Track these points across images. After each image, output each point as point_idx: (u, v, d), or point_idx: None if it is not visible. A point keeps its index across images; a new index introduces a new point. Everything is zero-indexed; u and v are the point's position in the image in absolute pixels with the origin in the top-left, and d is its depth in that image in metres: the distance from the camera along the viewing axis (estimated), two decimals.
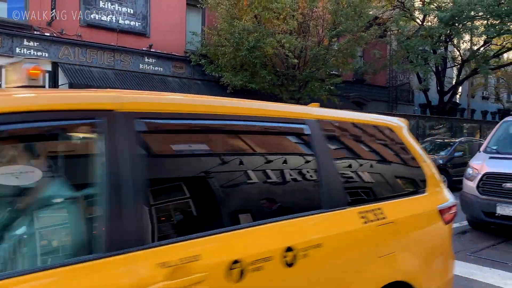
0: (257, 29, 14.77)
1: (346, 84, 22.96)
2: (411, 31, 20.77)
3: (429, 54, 19.32)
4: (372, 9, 17.87)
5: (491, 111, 35.91)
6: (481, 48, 22.48)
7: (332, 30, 16.00)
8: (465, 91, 29.94)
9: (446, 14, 17.63)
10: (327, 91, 17.68)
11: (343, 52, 16.92)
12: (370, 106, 24.47)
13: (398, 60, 20.90)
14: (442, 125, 18.41)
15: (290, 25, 14.88)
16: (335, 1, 15.70)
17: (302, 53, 16.48)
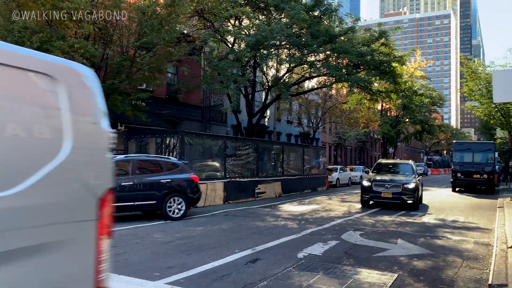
0: (44, 29, 12.58)
1: (158, 101, 21.96)
2: (222, 52, 21.02)
3: (238, 77, 19.74)
4: (182, 25, 17.32)
5: (294, 134, 39.43)
6: (285, 75, 24.21)
7: (137, 40, 14.79)
8: (273, 114, 32.08)
9: (252, 39, 18.25)
10: (132, 106, 16.30)
11: (150, 66, 15.82)
12: (183, 125, 23.93)
13: (208, 80, 20.85)
14: (249, 146, 18.82)
15: (85, 29, 13.10)
16: (140, 11, 14.53)
17: (102, 62, 14.81)
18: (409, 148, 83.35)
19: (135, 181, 11.16)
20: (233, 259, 6.94)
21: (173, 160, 12.64)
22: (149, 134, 16.08)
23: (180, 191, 11.81)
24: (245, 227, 10.53)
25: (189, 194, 12.06)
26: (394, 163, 18.31)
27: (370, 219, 12.39)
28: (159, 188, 11.44)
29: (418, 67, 47.35)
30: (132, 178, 11.14)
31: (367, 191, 15.03)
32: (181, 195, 11.83)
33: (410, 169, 16.38)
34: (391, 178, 15.23)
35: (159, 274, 5.91)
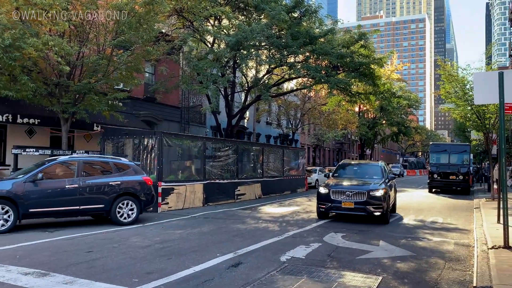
0: (16, 25, 12.09)
1: (136, 101, 21.55)
2: (201, 52, 20.76)
3: (217, 77, 19.50)
4: (160, 23, 16.98)
5: (273, 136, 39.41)
6: (265, 76, 24.10)
7: (114, 39, 14.41)
8: (252, 116, 31.94)
9: (232, 39, 18.05)
10: (109, 107, 15.89)
11: (127, 65, 15.44)
12: (161, 126, 23.55)
13: (187, 80, 20.55)
14: (228, 147, 18.59)
15: (60, 26, 12.66)
16: (117, 8, 14.15)
17: (78, 61, 14.37)
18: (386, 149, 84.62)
19: (81, 184, 10.35)
20: (214, 263, 6.75)
21: (123, 161, 11.87)
22: (126, 135, 15.66)
23: (131, 194, 11.07)
24: (226, 230, 10.33)
25: (142, 198, 11.27)
26: (360, 164, 15.11)
27: (351, 220, 12.35)
28: (107, 191, 10.70)
29: (394, 69, 48.01)
30: (77, 180, 10.35)
31: (324, 200, 11.88)
32: (133, 198, 11.08)
33: (379, 171, 13.26)
34: (354, 183, 12.24)
35: (138, 280, 5.67)
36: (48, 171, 10.21)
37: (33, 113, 15.75)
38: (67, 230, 9.94)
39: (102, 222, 11.18)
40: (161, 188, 14.07)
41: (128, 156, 16.03)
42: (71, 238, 8.90)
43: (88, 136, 19.32)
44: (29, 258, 6.95)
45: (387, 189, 11.95)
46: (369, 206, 11.36)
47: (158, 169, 14.28)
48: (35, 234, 9.31)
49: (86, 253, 7.42)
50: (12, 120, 15.09)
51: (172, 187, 14.65)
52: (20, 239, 8.71)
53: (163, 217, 12.65)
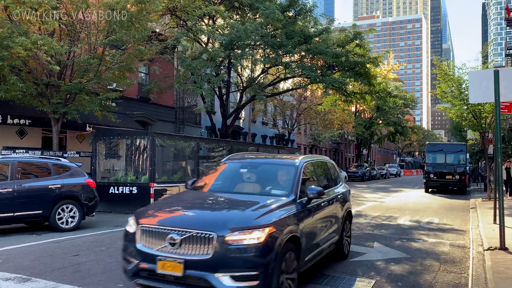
0: (4, 24, 11.88)
1: (130, 101, 21.35)
2: (195, 52, 20.58)
3: (212, 77, 19.32)
4: (153, 23, 16.80)
5: (269, 136, 39.24)
6: (260, 76, 23.93)
7: (105, 38, 14.20)
8: (248, 116, 31.78)
9: (226, 38, 17.89)
10: (101, 107, 15.68)
11: (119, 64, 15.24)
12: (156, 126, 23.34)
13: (181, 80, 20.36)
14: (223, 148, 18.41)
15: (49, 25, 12.45)
16: (108, 7, 13.95)
17: (69, 61, 14.15)
18: (383, 149, 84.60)
19: (15, 187, 9.36)
20: None
21: (63, 162, 10.88)
22: (119, 135, 15.45)
23: (73, 198, 10.25)
24: None
25: (84, 202, 10.43)
26: (257, 161, 6.96)
27: None
28: (46, 195, 9.79)
29: (391, 69, 47.93)
30: (11, 184, 9.34)
31: (127, 251, 5.02)
32: (75, 202, 10.26)
33: (288, 179, 5.83)
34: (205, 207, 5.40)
35: (122, 285, 5.48)
36: None
37: (24, 114, 15.52)
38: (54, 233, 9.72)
39: (38, 229, 10.24)
40: (153, 189, 13.86)
41: (121, 157, 15.87)
42: (58, 241, 8.69)
43: (81, 137, 19.09)
44: (12, 262, 6.75)
45: (287, 223, 4.90)
46: (220, 273, 4.33)
47: (150, 170, 14.07)
48: (22, 237, 9.09)
49: (72, 256, 7.22)
50: (2, 121, 14.87)
51: (165, 188, 14.44)
52: (5, 242, 8.49)
53: None
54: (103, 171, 15.50)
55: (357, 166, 43.74)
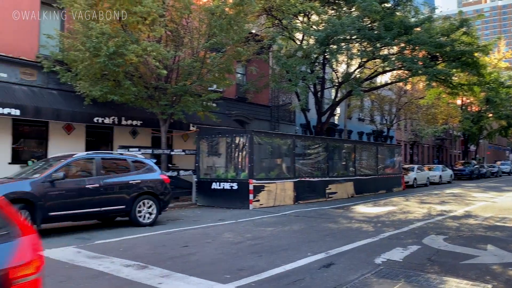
0: (119, 33, 13.06)
1: (228, 101, 22.17)
2: (290, 50, 20.72)
3: (306, 74, 19.30)
4: (250, 24, 17.24)
5: (366, 132, 38.05)
6: (356, 70, 23.35)
7: (207, 41, 14.92)
8: (343, 112, 31.16)
9: (322, 33, 17.73)
10: (203, 107, 16.51)
11: (219, 67, 15.91)
12: (252, 125, 23.95)
13: (276, 79, 20.64)
14: (318, 145, 18.31)
15: (157, 32, 13.42)
16: (209, 12, 14.64)
17: (174, 65, 15.12)
18: (493, 145, 77.22)
19: (101, 183, 9.62)
20: (305, 262, 6.61)
21: (140, 158, 11.21)
22: (219, 134, 16.20)
23: (151, 194, 10.49)
24: (317, 229, 10.13)
25: (160, 197, 10.67)
26: None
27: (453, 222, 11.41)
28: (128, 190, 10.05)
29: (502, 57, 43.60)
30: (97, 180, 9.58)
31: None
32: (152, 197, 10.51)
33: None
34: None
35: (229, 277, 5.74)
36: (66, 169, 9.32)
37: (136, 115, 16.89)
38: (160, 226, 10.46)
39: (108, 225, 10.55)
40: (252, 186, 14.27)
41: (221, 154, 16.60)
42: (169, 233, 9.36)
43: (185, 136, 20.29)
44: (131, 251, 7.42)
45: None
46: None
47: (249, 166, 14.51)
48: (122, 231, 9.93)
49: (182, 247, 7.73)
50: (118, 122, 16.35)
51: (263, 184, 14.79)
52: (123, 232, 9.36)
53: (255, 214, 12.81)
54: (206, 168, 16.32)
55: (464, 164, 40.60)
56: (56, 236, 8.86)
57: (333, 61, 20.65)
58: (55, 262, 6.52)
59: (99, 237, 8.80)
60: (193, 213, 13.33)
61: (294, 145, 16.78)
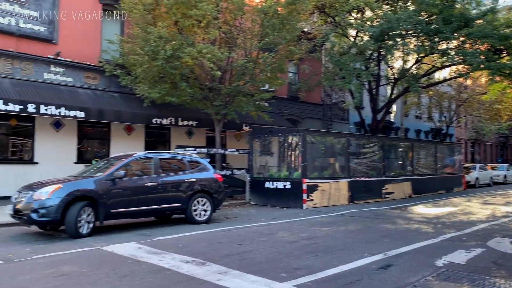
0: (175, 37, 13.47)
1: (280, 100, 22.22)
2: (344, 47, 20.40)
3: (361, 71, 18.92)
4: (302, 22, 17.16)
5: (424, 130, 36.68)
6: (413, 66, 22.57)
7: (259, 41, 15.03)
8: (399, 110, 30.23)
9: (377, 29, 17.30)
10: (256, 107, 16.66)
11: (272, 66, 15.98)
12: (304, 124, 23.83)
13: (329, 77, 20.38)
14: (374, 144, 17.88)
15: (211, 34, 13.71)
16: (262, 12, 14.75)
17: (228, 66, 15.37)
18: None
19: (159, 181, 9.97)
20: (362, 263, 6.50)
21: (195, 157, 11.46)
22: (272, 133, 16.27)
23: (205, 192, 10.76)
24: (374, 229, 9.92)
25: (214, 195, 10.93)
26: None
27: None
28: (184, 189, 10.36)
29: None
30: (155, 178, 9.95)
31: None
32: (207, 196, 10.78)
33: None
34: None
35: (286, 275, 5.77)
36: (126, 168, 9.70)
37: (191, 116, 17.35)
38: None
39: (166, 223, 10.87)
40: (306, 185, 14.21)
41: (273, 154, 16.66)
42: (224, 231, 9.54)
43: (238, 136, 20.58)
44: (189, 247, 7.65)
45: None
46: None
47: (302, 166, 14.46)
48: (180, 227, 10.21)
49: (238, 245, 7.86)
50: (175, 123, 16.88)
51: (316, 184, 14.68)
52: (181, 229, 9.66)
53: (308, 213, 12.76)
54: (259, 167, 16.46)
55: None
56: (118, 232, 9.31)
57: (389, 57, 20.10)
58: (119, 257, 6.87)
59: (158, 233, 9.15)
60: (247, 211, 13.49)
61: (348, 144, 16.53)
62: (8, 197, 9.54)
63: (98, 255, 7.11)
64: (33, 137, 14.62)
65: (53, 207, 8.35)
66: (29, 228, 9.39)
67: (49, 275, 5.77)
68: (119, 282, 5.46)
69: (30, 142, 14.62)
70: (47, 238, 8.74)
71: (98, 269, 6.10)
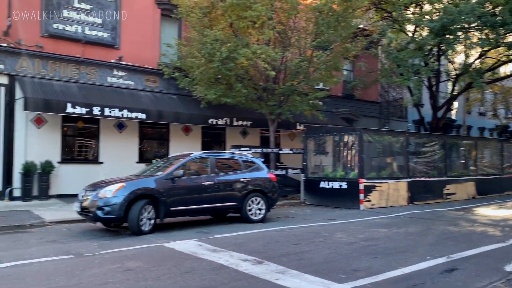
0: (230, 39, 13.69)
1: (335, 99, 21.93)
2: (401, 43, 19.75)
3: (420, 67, 18.23)
4: (358, 19, 16.81)
5: (488, 128, 34.73)
6: (476, 61, 21.44)
7: (314, 40, 14.92)
8: (461, 107, 28.82)
9: (437, 23, 16.59)
10: (310, 106, 16.55)
11: (326, 65, 15.81)
12: (360, 122, 23.37)
13: (386, 73, 19.81)
14: (434, 142, 17.17)
15: (266, 35, 13.79)
16: (316, 10, 14.63)
17: (282, 65, 15.39)
18: None
19: (216, 180, 10.16)
20: (425, 266, 6.29)
21: (249, 157, 11.52)
22: (327, 132, 16.07)
23: (260, 191, 10.81)
24: (435, 231, 9.54)
25: (268, 194, 10.95)
26: None
27: None
28: (239, 188, 10.50)
29: None
30: (212, 177, 10.18)
31: None
32: (261, 195, 10.83)
33: None
34: None
35: (345, 277, 5.70)
36: (185, 167, 9.96)
37: (246, 116, 17.56)
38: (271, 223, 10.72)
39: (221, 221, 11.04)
40: (363, 185, 13.92)
41: (328, 153, 16.46)
42: (280, 230, 9.58)
43: (292, 135, 20.54)
44: (246, 246, 7.76)
45: None
46: None
47: (359, 165, 14.18)
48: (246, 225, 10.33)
49: (295, 245, 7.86)
50: (230, 123, 17.17)
51: (374, 184, 14.34)
52: (237, 228, 9.81)
53: (366, 214, 12.50)
54: (313, 166, 16.33)
55: None
56: (178, 230, 9.61)
57: (450, 52, 19.20)
58: (179, 254, 7.10)
59: (216, 231, 9.35)
60: (302, 211, 13.45)
61: (407, 143, 15.99)
62: (75, 195, 10.12)
63: (160, 251, 7.39)
64: (98, 138, 15.45)
65: (117, 204, 8.78)
66: (95, 225, 9.92)
67: (115, 269, 6.08)
68: (181, 278, 5.65)
69: (95, 143, 15.47)
70: (112, 234, 9.20)
71: (160, 265, 6.34)
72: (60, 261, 6.62)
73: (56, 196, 14.18)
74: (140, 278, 5.63)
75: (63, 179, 14.42)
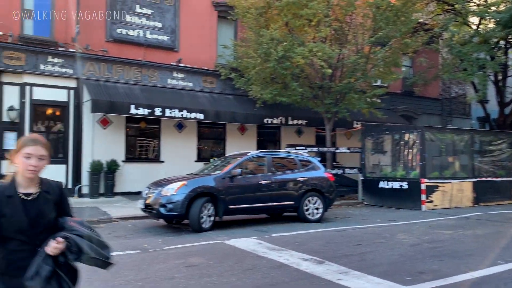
0: (286, 38, 13.69)
1: (393, 96, 21.31)
2: (464, 37, 18.80)
3: (486, 61, 17.26)
4: (418, 13, 16.20)
5: None
6: None
7: (372, 36, 14.58)
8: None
9: (505, 15, 15.64)
10: (368, 104, 16.19)
11: (385, 61, 15.39)
12: (420, 120, 22.55)
13: (449, 69, 18.92)
14: (502, 140, 16.18)
15: (322, 32, 13.65)
16: (374, 6, 14.29)
17: (339, 63, 15.17)
18: None
19: (273, 179, 10.18)
20: (496, 271, 5.97)
21: (306, 156, 11.38)
22: (386, 131, 15.62)
23: (317, 191, 10.68)
24: (506, 234, 9.01)
25: (326, 194, 10.79)
26: None
27: None
28: (296, 187, 10.43)
29: None
30: (269, 176, 10.20)
31: None
32: (318, 195, 10.69)
33: None
34: None
35: (410, 279, 5.53)
36: (242, 166, 10.09)
37: (301, 115, 17.49)
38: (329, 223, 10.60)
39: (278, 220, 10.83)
40: (425, 185, 13.42)
41: (386, 152, 16.00)
42: (339, 230, 9.46)
43: (349, 134, 20.19)
44: (306, 245, 7.73)
45: None
46: None
47: (420, 165, 13.69)
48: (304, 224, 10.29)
49: (356, 245, 7.73)
50: (285, 122, 17.17)
51: (436, 184, 13.77)
52: (295, 227, 9.80)
53: (428, 215, 12.04)
54: (371, 166, 15.94)
55: None
56: (237, 228, 9.76)
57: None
58: (240, 251, 7.22)
59: (274, 230, 9.39)
60: (360, 211, 13.19)
61: (472, 141, 15.21)
62: (138, 193, 10.55)
63: (221, 248, 7.55)
64: (159, 138, 16.03)
65: (179, 202, 9.06)
66: (157, 221, 10.30)
67: (180, 265, 6.29)
68: (243, 275, 5.74)
69: (156, 143, 16.05)
70: (174, 231, 9.51)
71: (222, 261, 6.48)
72: (128, 255, 6.94)
73: (121, 193, 14.87)
74: (204, 274, 5.79)
75: (127, 177, 15.10)
